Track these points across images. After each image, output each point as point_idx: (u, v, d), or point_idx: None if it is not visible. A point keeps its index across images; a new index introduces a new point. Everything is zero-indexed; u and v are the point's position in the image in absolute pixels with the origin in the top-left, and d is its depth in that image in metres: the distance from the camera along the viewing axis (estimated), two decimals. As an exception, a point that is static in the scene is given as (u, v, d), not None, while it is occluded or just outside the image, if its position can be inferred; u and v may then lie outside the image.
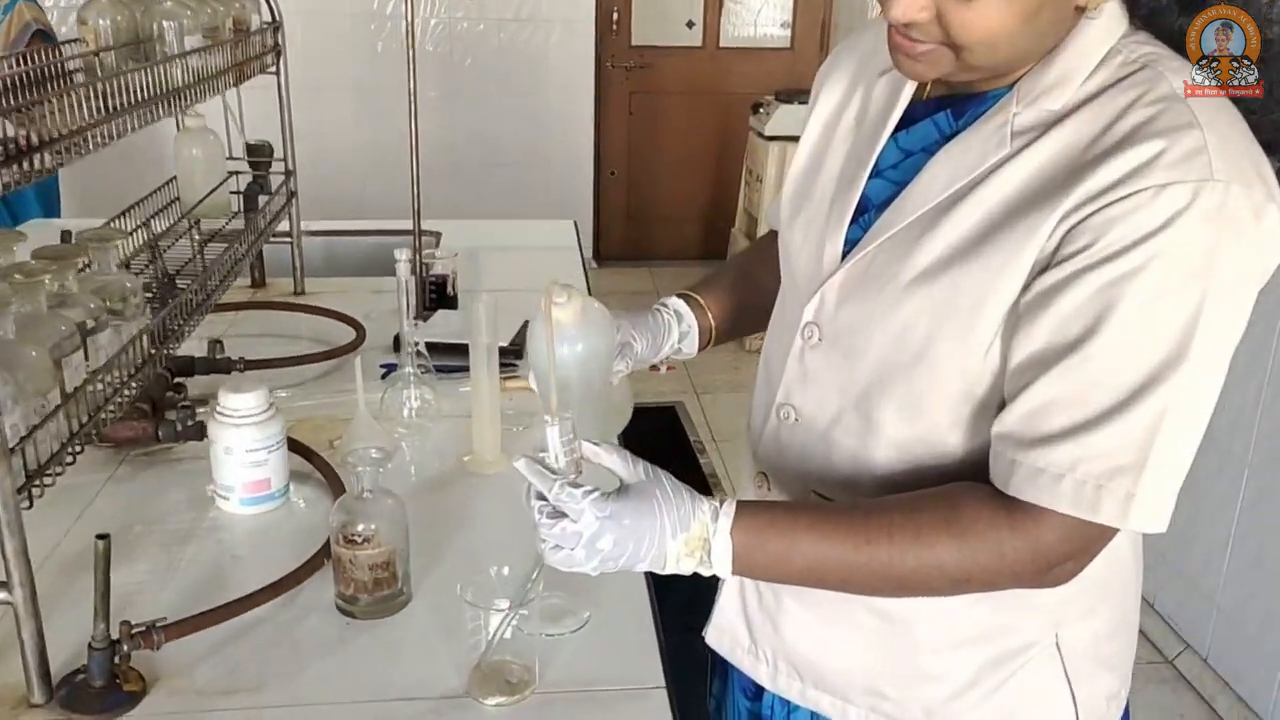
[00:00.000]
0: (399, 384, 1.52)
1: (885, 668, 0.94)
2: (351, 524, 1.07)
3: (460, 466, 1.44)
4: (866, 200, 0.92)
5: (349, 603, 1.10)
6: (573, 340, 0.99)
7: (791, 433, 0.97)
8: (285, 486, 1.32)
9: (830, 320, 0.92)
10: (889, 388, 0.88)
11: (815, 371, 0.94)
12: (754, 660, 1.02)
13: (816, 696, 0.98)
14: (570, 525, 0.81)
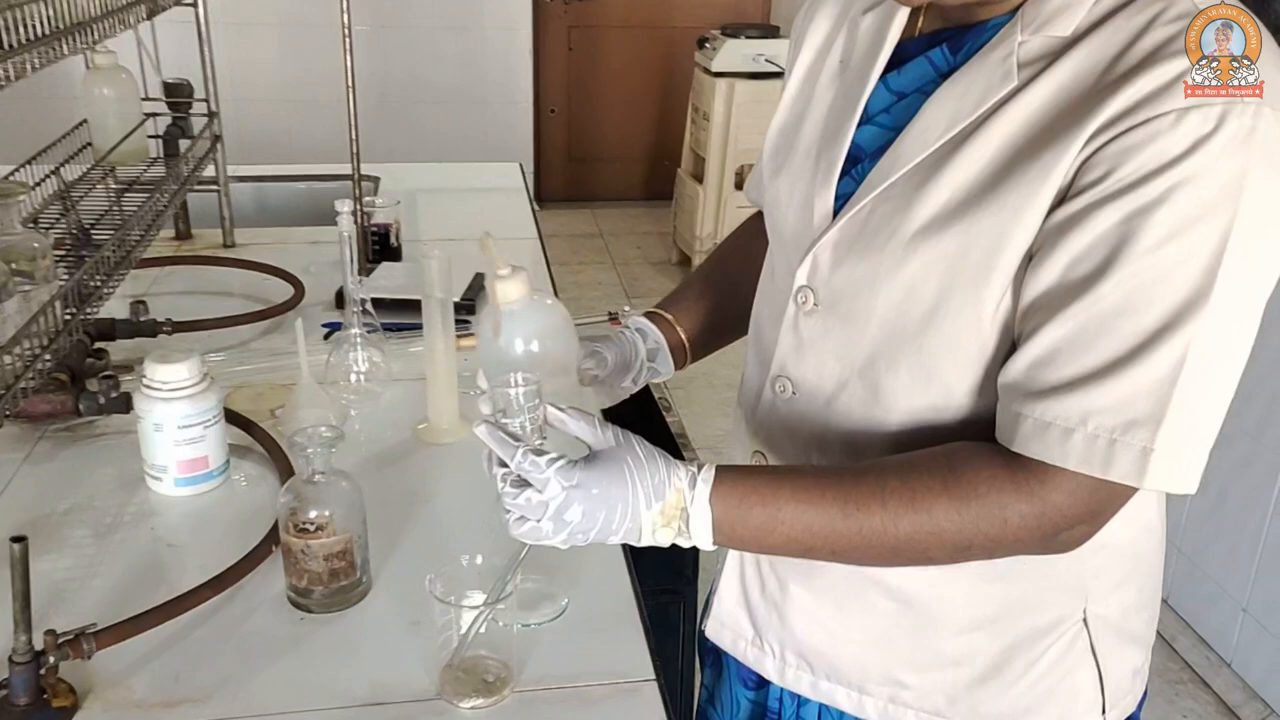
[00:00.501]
0: (345, 346, 1.41)
1: (903, 654, 0.88)
2: (302, 511, 0.97)
3: (415, 436, 1.33)
4: (857, 150, 0.84)
5: (302, 595, 0.99)
6: (522, 319, 0.91)
7: (789, 407, 0.89)
8: (224, 464, 1.21)
9: (826, 283, 0.84)
10: (896, 353, 0.80)
11: (812, 340, 0.86)
12: (759, 653, 0.95)
13: (830, 689, 0.91)
14: (535, 495, 0.75)
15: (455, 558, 0.92)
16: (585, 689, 0.91)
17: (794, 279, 0.86)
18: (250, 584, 1.02)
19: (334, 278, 1.83)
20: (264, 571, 1.04)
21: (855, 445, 0.84)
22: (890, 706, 0.89)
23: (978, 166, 0.75)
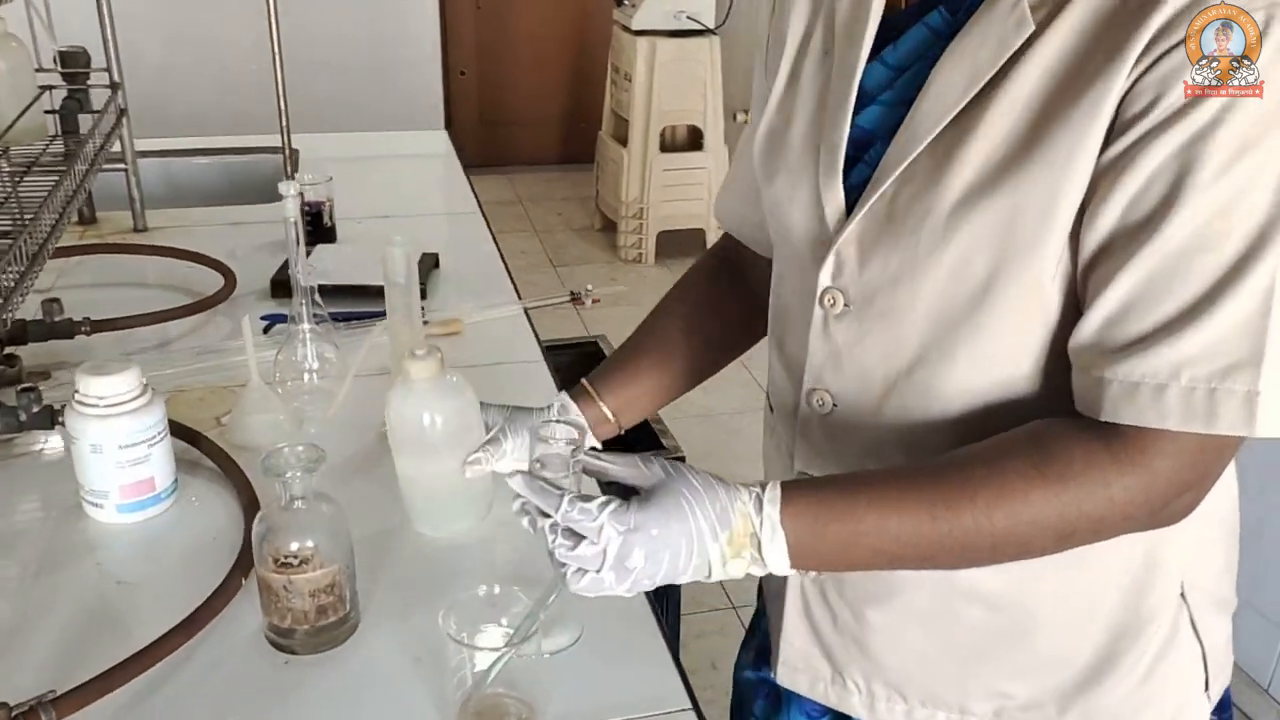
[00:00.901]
0: (294, 340, 1.28)
1: (1003, 663, 0.81)
2: (282, 543, 0.85)
3: (381, 439, 1.21)
4: (865, 134, 0.77)
5: (284, 636, 0.88)
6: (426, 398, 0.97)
7: (832, 421, 0.81)
8: (173, 484, 1.07)
9: (855, 281, 0.77)
10: (949, 342, 0.73)
11: (848, 345, 0.78)
12: (842, 691, 0.87)
13: (928, 716, 0.84)
14: (589, 547, 0.69)
15: (470, 587, 0.82)
16: (617, 724, 0.83)
17: (816, 282, 0.79)
18: (220, 624, 0.90)
19: (265, 263, 1.68)
20: (234, 607, 0.92)
21: (915, 448, 0.77)
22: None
23: (1010, 122, 0.69)
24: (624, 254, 4.14)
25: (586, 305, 1.56)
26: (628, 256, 4.14)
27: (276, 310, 1.52)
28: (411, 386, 0.98)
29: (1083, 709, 0.81)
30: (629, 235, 4.10)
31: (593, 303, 1.56)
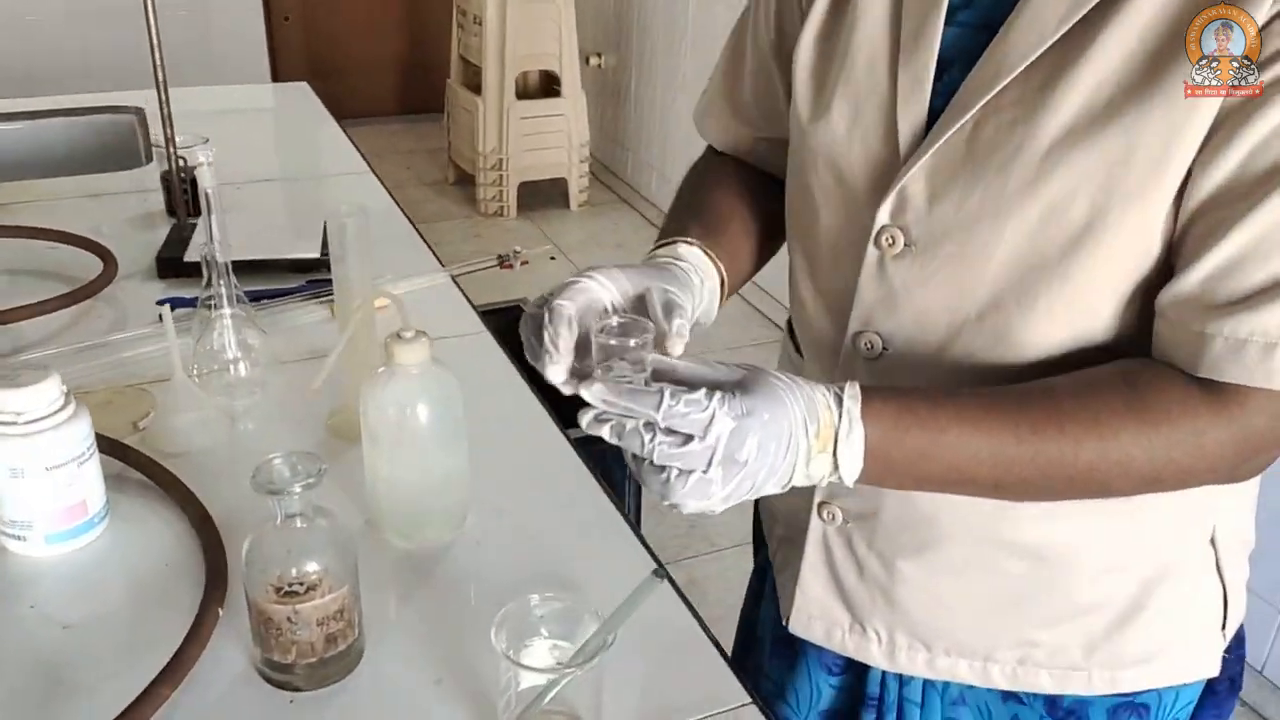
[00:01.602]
0: (212, 327, 1.13)
1: (1035, 612, 0.79)
2: (285, 570, 0.74)
3: (329, 432, 1.09)
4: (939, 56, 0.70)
5: (285, 672, 0.77)
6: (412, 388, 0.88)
7: (882, 365, 0.76)
8: (105, 505, 0.93)
9: (922, 220, 0.71)
10: (1030, 289, 0.69)
11: (907, 287, 0.73)
12: (860, 639, 0.84)
13: (950, 664, 0.82)
14: (697, 443, 0.60)
15: (522, 596, 0.73)
16: (679, 730, 0.77)
17: (872, 219, 0.73)
18: (201, 665, 0.78)
19: (138, 239, 1.50)
20: (212, 642, 0.80)
21: None
22: (1019, 669, 0.81)
23: (1125, 48, 0.63)
24: (484, 208, 3.99)
25: (516, 269, 1.46)
26: (488, 210, 3.99)
27: (167, 293, 1.36)
28: (395, 374, 0.87)
29: (1107, 652, 0.80)
30: (488, 188, 3.95)
31: (522, 264, 1.46)
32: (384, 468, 0.92)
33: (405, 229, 1.61)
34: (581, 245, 3.80)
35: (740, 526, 2.42)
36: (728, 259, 0.81)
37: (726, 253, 0.81)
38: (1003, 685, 0.81)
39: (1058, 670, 0.81)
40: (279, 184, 1.78)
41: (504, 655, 0.70)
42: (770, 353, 3.13)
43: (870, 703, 0.86)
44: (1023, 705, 0.83)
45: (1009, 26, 0.66)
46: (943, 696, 0.85)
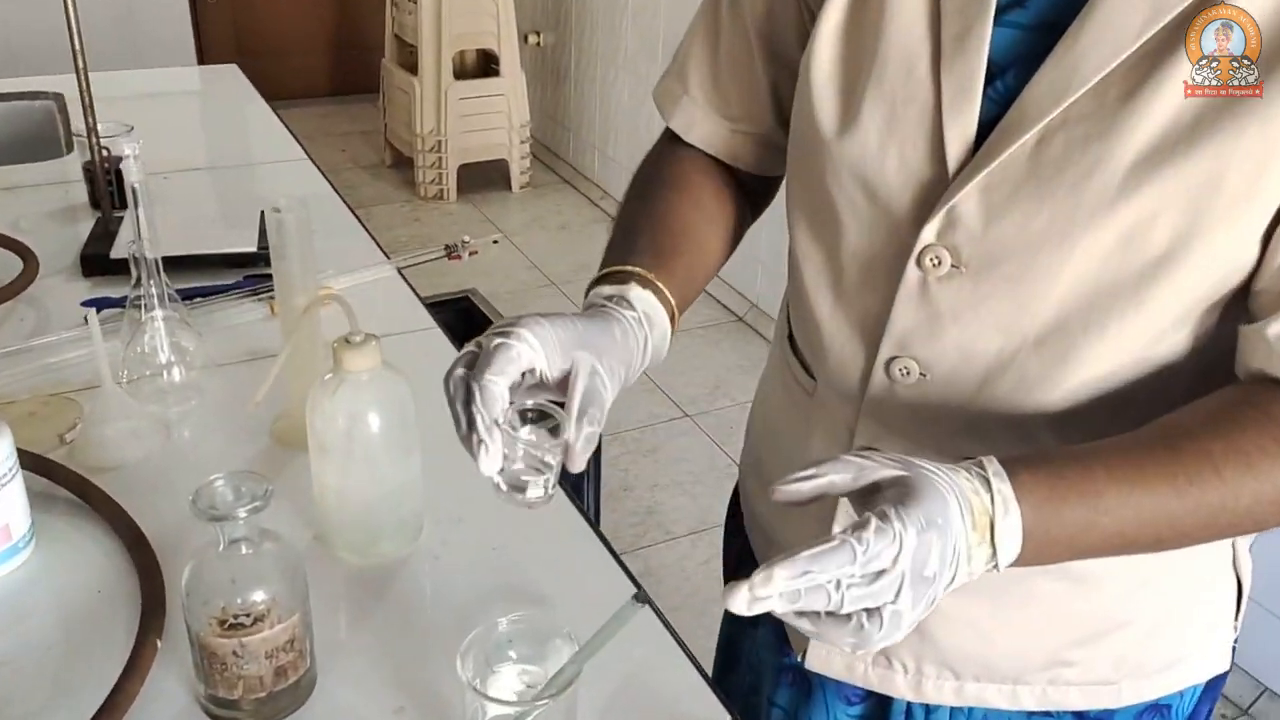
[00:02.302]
0: (142, 330, 1.06)
1: (1070, 632, 0.76)
2: (230, 601, 0.68)
3: (274, 439, 1.03)
4: None
5: (230, 708, 0.72)
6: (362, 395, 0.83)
7: (918, 392, 0.70)
8: (30, 528, 0.86)
9: (975, 240, 0.65)
10: (1100, 314, 0.63)
11: (955, 311, 0.67)
12: (885, 671, 0.79)
13: (978, 691, 0.78)
14: (885, 577, 0.52)
15: (488, 620, 0.69)
16: (656, 752, 0.73)
17: (913, 238, 0.66)
18: (140, 703, 0.73)
19: (61, 236, 1.42)
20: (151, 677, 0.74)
21: (1023, 427, 0.68)
22: (1049, 689, 0.77)
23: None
24: (423, 191, 3.89)
25: (464, 259, 1.40)
26: (427, 194, 3.90)
27: (93, 293, 1.28)
28: (344, 381, 0.82)
29: (1136, 664, 0.78)
30: (427, 170, 3.86)
31: (470, 255, 1.41)
32: (333, 480, 0.87)
33: (346, 218, 1.54)
34: (525, 228, 3.73)
35: (693, 513, 2.40)
36: (680, 288, 0.72)
37: (680, 280, 0.73)
38: (1031, 707, 0.78)
39: (1088, 687, 0.78)
40: (209, 173, 1.70)
41: (470, 687, 0.66)
42: (723, 334, 3.10)
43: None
44: (1049, 717, 0.80)
45: (1079, 30, 0.59)
46: (968, 718, 0.81)
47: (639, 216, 0.78)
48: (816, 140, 0.71)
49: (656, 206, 0.79)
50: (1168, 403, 0.64)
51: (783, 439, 0.84)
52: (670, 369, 2.90)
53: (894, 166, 0.67)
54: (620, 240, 0.76)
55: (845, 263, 0.73)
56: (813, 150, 0.72)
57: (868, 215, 0.70)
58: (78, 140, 1.56)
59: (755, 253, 3.11)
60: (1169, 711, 0.81)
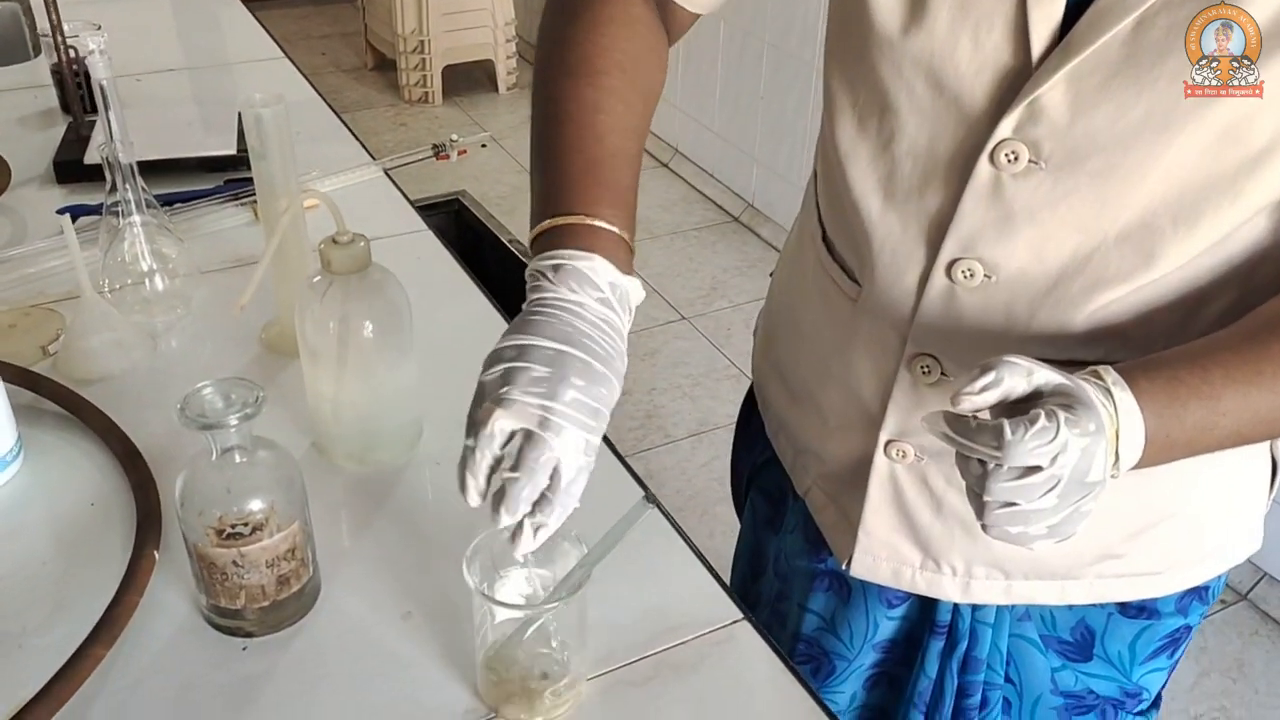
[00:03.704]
0: (121, 237, 1.02)
1: (1120, 528, 0.74)
2: (226, 511, 0.66)
3: (264, 347, 1.00)
4: None
5: (234, 618, 0.70)
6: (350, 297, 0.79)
7: (981, 296, 0.67)
8: (17, 442, 0.84)
9: (1060, 134, 0.61)
10: (1195, 209, 0.60)
11: (1030, 209, 0.63)
12: (933, 575, 0.78)
13: (1028, 589, 0.77)
14: (1040, 475, 0.54)
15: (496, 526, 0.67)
16: (668, 653, 0.72)
17: (987, 133, 0.62)
18: (140, 616, 0.71)
19: (32, 142, 1.37)
20: (150, 589, 0.73)
21: (1096, 331, 0.65)
22: (1096, 583, 0.76)
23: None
24: (407, 94, 3.79)
25: (452, 159, 1.35)
26: (412, 97, 3.79)
27: (68, 200, 1.23)
28: (333, 283, 0.79)
29: (1184, 553, 0.77)
30: (411, 73, 3.75)
31: (459, 155, 1.36)
32: (328, 387, 0.84)
33: (329, 120, 1.49)
34: (514, 130, 3.64)
35: (693, 415, 2.39)
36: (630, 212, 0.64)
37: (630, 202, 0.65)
38: (1080, 601, 0.77)
39: (1135, 578, 0.77)
40: (183, 74, 1.63)
41: (478, 593, 0.64)
42: (718, 235, 3.05)
43: (939, 631, 0.81)
44: (1091, 607, 0.79)
45: None
46: (1010, 612, 0.81)
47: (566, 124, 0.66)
48: (872, 30, 0.65)
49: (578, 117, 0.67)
50: (1252, 291, 0.62)
51: (819, 346, 0.80)
52: (666, 271, 2.86)
53: (966, 56, 0.62)
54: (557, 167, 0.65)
55: (901, 160, 0.68)
56: (866, 41, 0.66)
57: (931, 109, 0.65)
58: (44, 41, 1.49)
59: (751, 151, 3.03)
60: (1207, 594, 0.80)
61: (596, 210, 0.62)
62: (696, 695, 0.69)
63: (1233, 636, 1.87)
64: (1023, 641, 0.81)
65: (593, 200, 0.62)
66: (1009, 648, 0.81)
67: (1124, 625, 0.79)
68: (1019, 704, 0.84)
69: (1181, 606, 0.79)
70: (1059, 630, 0.81)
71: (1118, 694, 0.82)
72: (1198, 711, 1.74)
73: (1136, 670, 0.81)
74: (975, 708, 0.83)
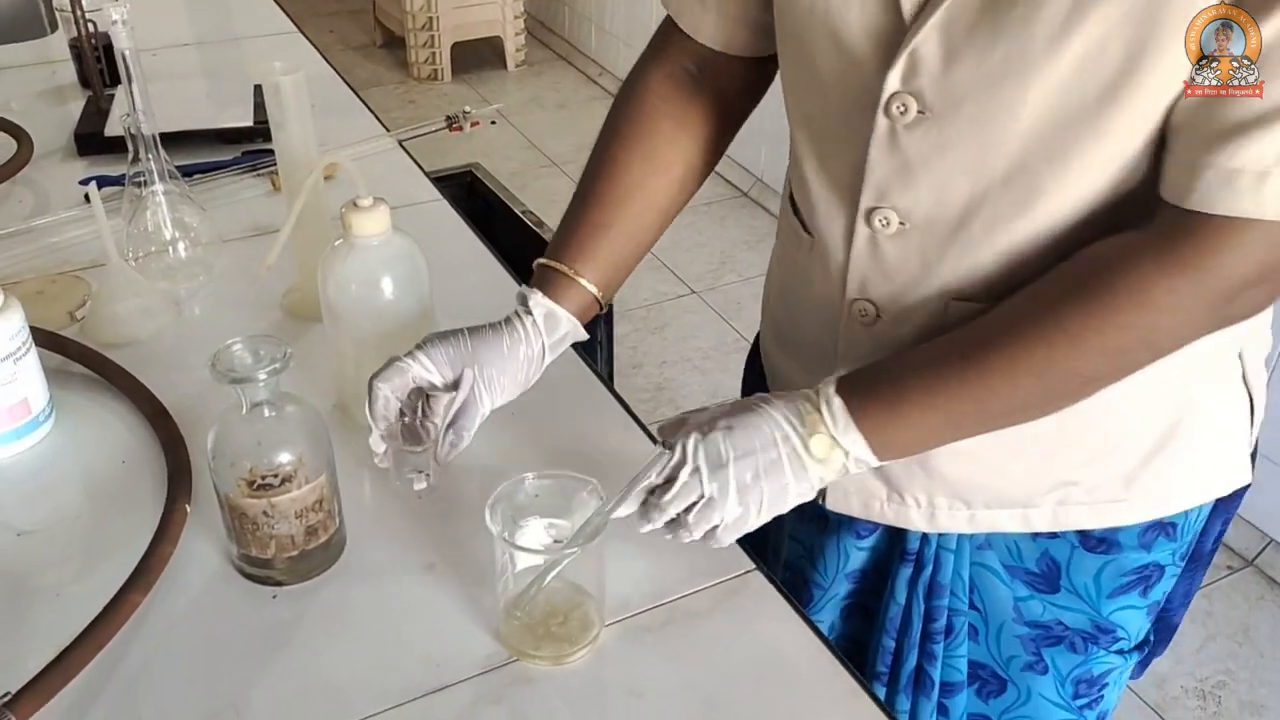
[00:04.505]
0: (144, 207, 1.04)
1: (1076, 453, 0.77)
2: (257, 463, 0.69)
3: (285, 312, 1.03)
4: None
5: (264, 567, 0.73)
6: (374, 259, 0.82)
7: (900, 242, 0.71)
8: (49, 403, 0.86)
9: (937, 84, 0.65)
10: (1062, 147, 0.64)
11: (924, 156, 0.68)
12: (899, 507, 0.81)
13: (990, 517, 0.80)
14: (682, 481, 0.67)
15: (517, 477, 0.69)
16: (683, 601, 0.74)
17: (880, 87, 0.67)
18: (174, 566, 0.74)
19: (52, 116, 1.39)
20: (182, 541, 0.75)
21: (1002, 262, 0.69)
22: (1059, 509, 0.79)
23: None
24: (416, 71, 3.80)
25: (465, 130, 1.37)
26: (421, 74, 3.80)
27: (89, 172, 1.25)
28: (354, 247, 0.81)
29: (1147, 480, 0.79)
30: (419, 50, 3.75)
31: (471, 126, 1.37)
32: (350, 348, 0.86)
33: (343, 94, 1.51)
34: (523, 107, 3.65)
35: (703, 387, 2.41)
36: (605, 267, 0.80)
37: (605, 258, 0.80)
38: (1043, 528, 0.80)
39: (1098, 505, 0.79)
40: (197, 49, 1.65)
41: (500, 538, 0.66)
42: (728, 210, 3.07)
43: (907, 558, 0.85)
44: (1054, 539, 0.82)
45: None
46: (970, 540, 0.84)
47: (585, 183, 0.83)
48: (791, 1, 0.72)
49: (602, 169, 0.83)
50: None
51: (791, 295, 0.85)
52: (676, 246, 2.87)
53: (855, 16, 0.67)
54: (566, 217, 0.83)
55: (824, 118, 0.74)
56: (789, 10, 0.72)
57: (838, 68, 0.71)
58: (61, 17, 1.51)
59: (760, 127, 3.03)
60: (1174, 530, 0.82)
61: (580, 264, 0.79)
62: (710, 640, 0.71)
63: (1239, 601, 1.89)
64: (984, 570, 0.85)
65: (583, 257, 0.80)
66: (971, 575, 0.85)
67: (1087, 559, 0.82)
68: (985, 630, 0.87)
69: (1145, 541, 0.81)
70: (1025, 561, 0.84)
71: (1089, 627, 0.85)
72: (1203, 675, 1.77)
73: (1105, 604, 0.84)
74: (941, 633, 0.86)
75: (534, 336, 0.77)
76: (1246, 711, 1.71)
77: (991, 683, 0.89)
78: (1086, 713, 0.89)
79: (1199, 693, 1.74)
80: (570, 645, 0.69)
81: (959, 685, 0.88)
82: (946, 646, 0.87)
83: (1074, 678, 0.87)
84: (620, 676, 0.69)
